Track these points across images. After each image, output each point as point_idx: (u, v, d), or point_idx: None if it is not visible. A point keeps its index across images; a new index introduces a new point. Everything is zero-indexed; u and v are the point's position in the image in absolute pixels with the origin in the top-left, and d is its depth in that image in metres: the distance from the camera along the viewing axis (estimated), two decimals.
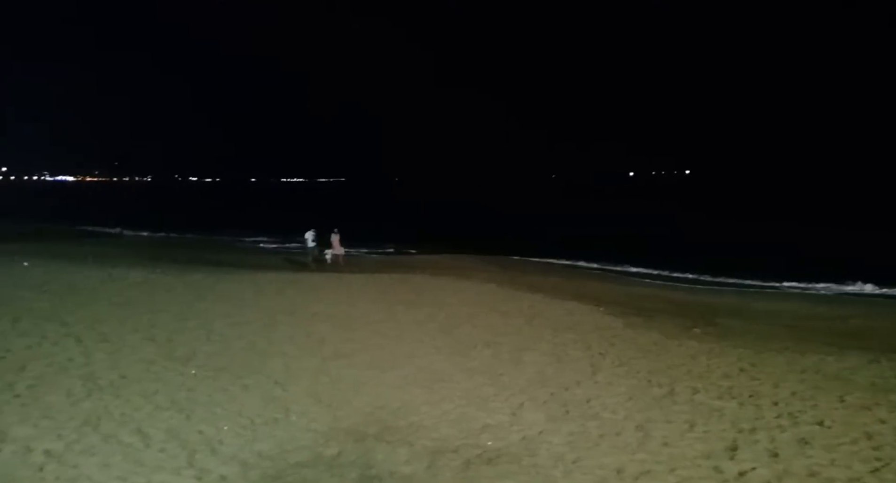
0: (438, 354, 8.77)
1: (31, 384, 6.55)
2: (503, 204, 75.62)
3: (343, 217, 28.37)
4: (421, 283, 16.28)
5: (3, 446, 5.01)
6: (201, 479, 4.73)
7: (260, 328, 9.83)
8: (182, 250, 26.49)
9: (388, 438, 5.76)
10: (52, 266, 16.02)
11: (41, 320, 9.33)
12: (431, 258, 25.61)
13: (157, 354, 8.04)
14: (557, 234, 35.23)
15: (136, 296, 12.14)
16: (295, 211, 61.82)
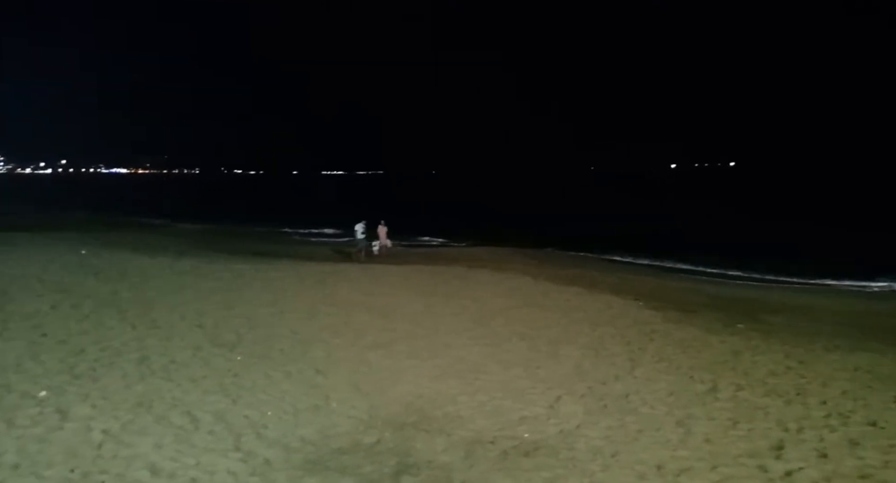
0: (474, 346, 8.77)
1: (89, 366, 6.85)
2: (539, 197, 74.87)
3: (384, 209, 28.59)
4: (457, 275, 16.29)
5: (65, 424, 5.27)
6: (247, 462, 4.87)
7: (301, 317, 10.02)
8: (228, 240, 27.24)
9: (425, 428, 5.80)
10: (107, 254, 16.70)
11: (98, 306, 9.73)
12: (467, 250, 25.60)
13: (204, 340, 8.28)
14: (593, 228, 34.68)
15: (185, 283, 12.55)
16: (339, 203, 62.83)
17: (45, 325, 8.41)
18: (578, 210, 50.57)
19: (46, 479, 4.34)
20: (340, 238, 30.80)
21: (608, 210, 50.33)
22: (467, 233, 31.85)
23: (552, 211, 49.47)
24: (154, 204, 56.90)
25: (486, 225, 35.13)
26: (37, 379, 6.31)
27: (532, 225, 36.96)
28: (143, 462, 4.71)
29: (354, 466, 4.90)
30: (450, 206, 57.20)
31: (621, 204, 58.66)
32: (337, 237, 31.06)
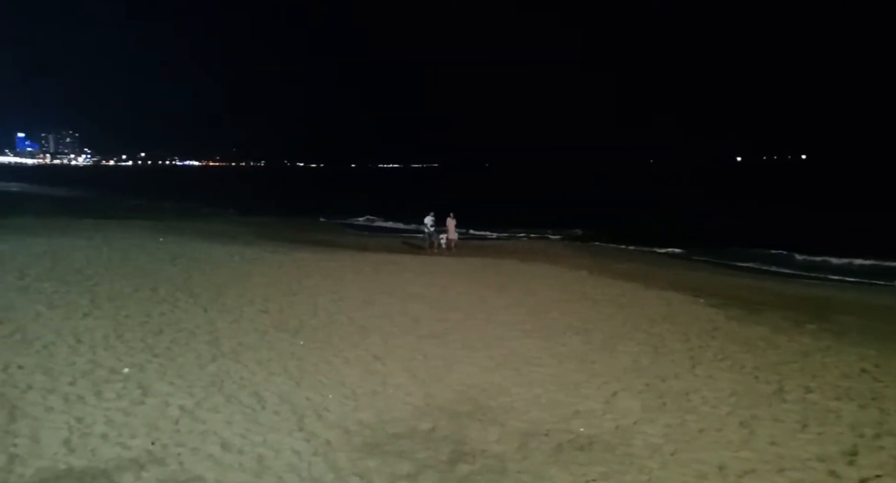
0: (528, 338, 8.71)
1: (167, 346, 7.26)
2: (595, 190, 73.20)
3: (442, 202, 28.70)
4: (511, 268, 16.21)
5: (146, 399, 5.61)
6: (309, 442, 5.03)
7: (360, 305, 10.24)
8: (291, 230, 28.15)
9: (479, 417, 5.82)
10: (181, 242, 17.61)
11: (174, 290, 10.28)
12: (522, 243, 25.41)
13: (270, 325, 8.60)
14: (649, 222, 33.61)
15: (252, 271, 13.07)
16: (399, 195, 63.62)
17: (127, 306, 8.96)
18: (634, 203, 49.10)
19: (131, 449, 4.64)
20: (399, 228, 31.23)
21: (664, 203, 48.62)
22: (522, 225, 31.57)
23: (608, 204, 48.19)
24: (222, 195, 59.34)
25: (540, 218, 34.67)
26: (121, 356, 6.74)
27: (588, 218, 36.19)
28: (215, 438, 4.96)
29: (411, 452, 4.98)
30: (504, 198, 56.81)
31: (679, 197, 56.52)
32: (399, 228, 31.50)
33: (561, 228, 30.94)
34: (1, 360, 6.27)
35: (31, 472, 4.17)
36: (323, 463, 4.66)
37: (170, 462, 4.48)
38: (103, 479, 4.15)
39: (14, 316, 7.96)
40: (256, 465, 4.55)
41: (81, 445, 4.61)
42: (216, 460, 4.57)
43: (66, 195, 56.84)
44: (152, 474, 4.28)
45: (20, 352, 6.60)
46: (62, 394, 5.56)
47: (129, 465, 4.38)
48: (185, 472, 4.35)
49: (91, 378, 6.02)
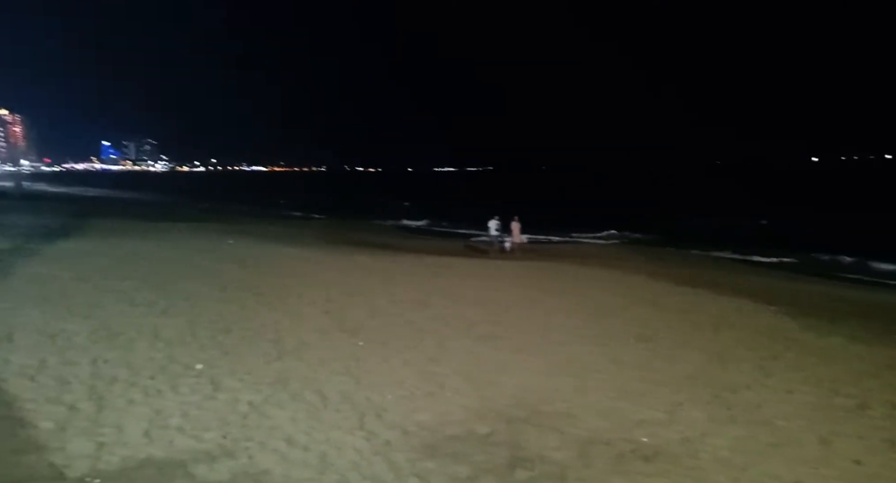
0: (586, 344, 8.52)
1: (235, 344, 7.56)
2: (654, 190, 70.90)
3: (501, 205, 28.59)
4: (568, 271, 15.96)
5: (217, 395, 5.87)
6: (370, 441, 5.11)
7: (416, 307, 10.33)
8: (350, 233, 28.82)
9: (537, 423, 5.74)
10: (249, 244, 18.37)
11: (242, 290, 10.72)
12: (581, 247, 24.97)
13: (331, 325, 8.81)
14: (715, 225, 32.22)
15: (313, 272, 13.46)
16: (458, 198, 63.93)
17: (200, 305, 9.41)
18: (698, 206, 47.07)
19: (205, 441, 4.86)
20: (460, 232, 31.35)
21: (728, 205, 46.42)
22: (579, 228, 31.04)
23: (668, 206, 46.48)
24: (285, 198, 61.48)
25: (598, 220, 33.90)
26: (194, 353, 7.08)
27: (647, 220, 35.09)
28: (281, 433, 5.12)
29: (469, 455, 4.97)
30: (562, 200, 55.93)
31: (744, 199, 53.80)
32: (460, 232, 31.62)
33: (619, 231, 30.20)
34: (89, 354, 6.72)
35: (116, 459, 4.44)
36: (383, 463, 4.73)
37: (240, 455, 4.66)
38: (180, 469, 4.37)
39: (100, 313, 8.53)
40: (320, 462, 4.66)
41: (160, 436, 4.88)
42: (282, 455, 4.72)
43: (144, 199, 60.54)
44: (224, 467, 4.46)
45: (106, 346, 7.05)
46: (142, 387, 5.90)
47: (203, 457, 4.59)
48: (253, 466, 4.52)
49: (168, 373, 6.35)
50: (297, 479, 4.39)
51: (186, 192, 78.51)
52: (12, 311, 8.24)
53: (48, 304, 8.85)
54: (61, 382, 5.84)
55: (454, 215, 38.08)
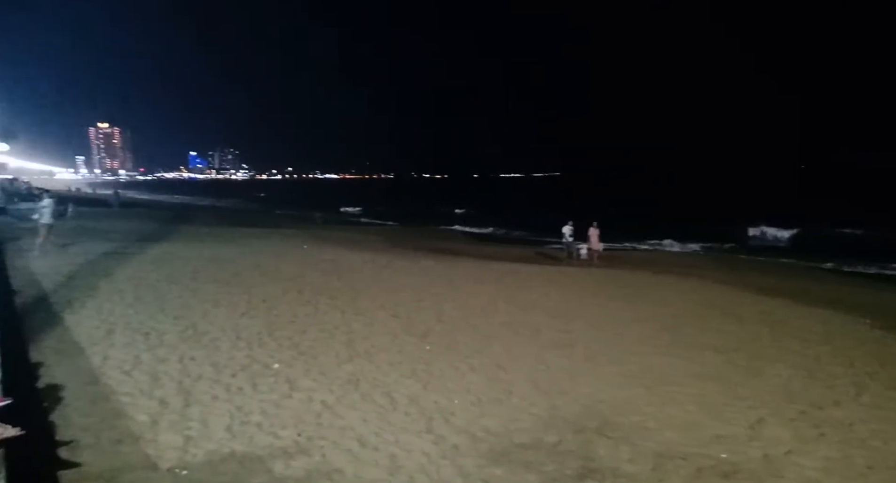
0: (661, 355, 8.19)
1: (310, 345, 7.84)
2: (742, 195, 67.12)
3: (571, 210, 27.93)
4: (642, 279, 15.43)
5: (293, 393, 6.11)
6: (437, 445, 5.15)
7: (482, 313, 10.31)
8: (417, 238, 29.20)
9: (608, 434, 5.57)
10: (322, 249, 19.04)
11: (316, 294, 11.11)
12: (655, 254, 24.07)
13: (399, 329, 8.95)
14: (809, 231, 30.10)
15: (383, 277, 13.73)
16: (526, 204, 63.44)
17: (278, 307, 9.83)
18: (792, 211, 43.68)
19: (282, 438, 5.07)
20: (531, 239, 31.07)
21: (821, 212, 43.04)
22: (659, 235, 29.81)
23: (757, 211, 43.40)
24: (358, 204, 63.06)
25: (680, 227, 32.33)
26: (272, 353, 7.40)
27: (730, 227, 33.18)
28: (352, 433, 5.25)
29: (538, 463, 4.90)
30: (636, 206, 53.86)
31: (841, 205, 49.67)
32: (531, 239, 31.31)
33: (700, 238, 28.81)
34: (178, 352, 7.18)
35: (202, 452, 4.71)
36: (451, 467, 4.74)
37: (314, 453, 4.82)
38: (259, 464, 4.58)
39: (188, 313, 9.09)
40: (390, 464, 4.74)
41: (241, 432, 5.13)
42: (354, 455, 4.84)
43: (225, 206, 64.09)
44: (299, 464, 4.63)
45: (193, 345, 7.51)
46: (225, 384, 6.23)
47: (280, 453, 4.78)
48: (327, 464, 4.66)
49: (248, 371, 6.68)
50: (368, 480, 4.49)
51: (264, 199, 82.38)
52: (111, 311, 8.94)
53: (142, 304, 9.54)
54: (153, 378, 6.27)
55: (525, 221, 37.63)
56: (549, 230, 30.59)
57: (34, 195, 39.15)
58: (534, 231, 33.72)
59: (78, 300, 9.44)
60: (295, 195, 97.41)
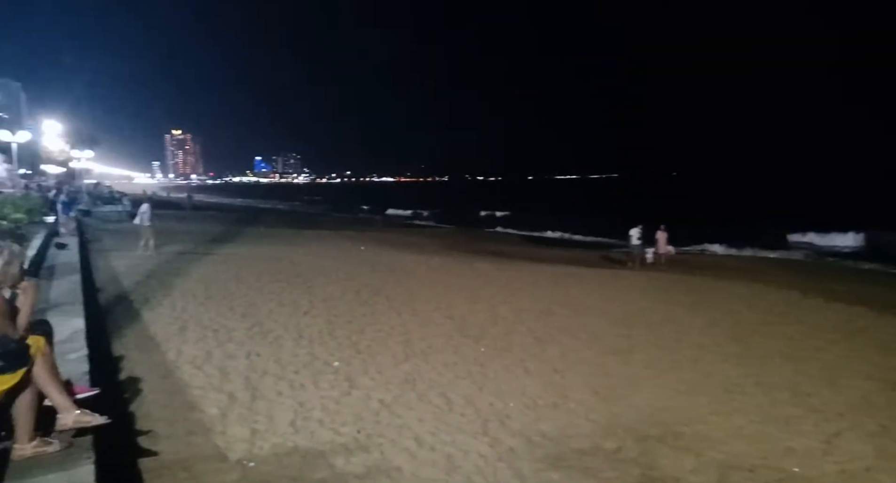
0: (726, 363, 7.85)
1: (368, 344, 8.00)
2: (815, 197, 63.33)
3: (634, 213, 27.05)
4: (706, 284, 14.84)
5: (352, 391, 6.25)
6: (494, 447, 5.13)
7: (538, 316, 10.19)
8: (471, 241, 29.24)
9: (670, 443, 5.39)
10: (379, 251, 19.38)
11: (373, 294, 11.31)
12: (726, 260, 23.03)
13: (454, 330, 8.98)
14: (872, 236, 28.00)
15: (438, 279, 13.83)
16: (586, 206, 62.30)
17: (337, 307, 10.09)
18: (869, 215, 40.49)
19: (342, 435, 5.19)
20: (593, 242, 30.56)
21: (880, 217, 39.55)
22: (720, 239, 28.48)
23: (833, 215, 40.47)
24: (414, 206, 63.79)
25: (743, 230, 30.78)
26: (332, 351, 7.60)
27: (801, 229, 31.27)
28: (410, 433, 5.32)
29: (596, 469, 4.80)
30: (701, 209, 51.48)
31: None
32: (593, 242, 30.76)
33: (769, 242, 27.34)
34: (245, 349, 7.49)
35: (268, 445, 4.90)
36: (508, 470, 4.72)
37: (373, 451, 4.92)
38: (321, 459, 4.71)
39: (254, 311, 9.47)
40: (447, 464, 4.77)
41: (304, 427, 5.29)
42: (412, 454, 4.90)
43: (287, 209, 66.36)
44: (359, 460, 4.74)
45: (259, 342, 7.82)
46: (289, 381, 6.44)
47: (341, 449, 4.91)
48: (385, 462, 4.74)
49: (310, 368, 6.88)
50: (425, 479, 4.53)
51: (323, 202, 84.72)
52: (184, 308, 9.43)
53: (212, 302, 10.02)
54: (222, 372, 6.57)
55: (582, 224, 36.82)
56: (607, 232, 29.90)
57: (115, 198, 41.90)
58: (591, 233, 33.05)
59: (154, 298, 10.02)
60: (352, 198, 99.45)
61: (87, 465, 3.08)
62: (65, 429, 3.27)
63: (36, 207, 19.44)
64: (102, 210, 34.86)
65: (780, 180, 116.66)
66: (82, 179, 57.30)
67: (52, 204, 20.43)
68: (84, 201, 35.64)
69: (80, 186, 50.82)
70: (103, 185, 62.57)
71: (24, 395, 3.12)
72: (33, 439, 3.14)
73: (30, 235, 13.01)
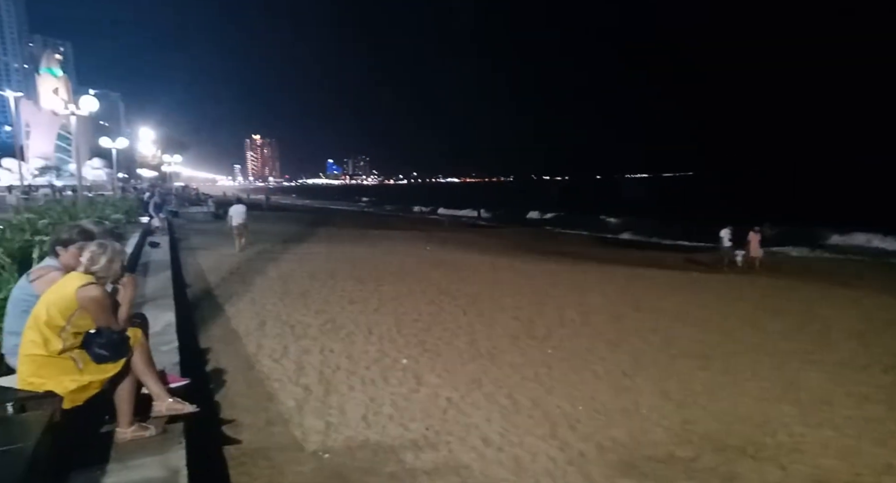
0: (814, 371, 7.31)
1: (434, 343, 8.04)
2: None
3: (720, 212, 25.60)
4: (799, 288, 13.93)
5: (420, 388, 6.32)
6: (563, 451, 5.03)
7: (607, 319, 9.90)
8: (538, 241, 28.87)
9: (753, 454, 5.08)
10: (444, 250, 19.51)
11: (439, 293, 11.39)
12: (820, 263, 21.46)
13: (520, 332, 8.88)
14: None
15: (503, 279, 13.74)
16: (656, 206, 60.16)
17: (404, 305, 10.24)
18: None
19: (411, 431, 5.26)
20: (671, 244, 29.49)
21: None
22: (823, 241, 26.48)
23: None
24: (477, 206, 63.81)
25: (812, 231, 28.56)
26: (400, 348, 7.72)
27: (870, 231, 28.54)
28: (477, 432, 5.31)
29: (671, 478, 4.60)
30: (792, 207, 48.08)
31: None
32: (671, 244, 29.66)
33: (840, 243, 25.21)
34: (319, 344, 7.75)
35: (341, 438, 5.04)
36: (578, 474, 4.61)
37: (441, 448, 4.95)
38: (391, 454, 4.79)
39: (328, 308, 9.79)
40: (515, 465, 4.72)
41: (374, 422, 5.41)
42: (479, 453, 4.89)
43: (356, 209, 68.21)
44: (428, 456, 4.78)
45: (332, 338, 8.07)
46: (360, 376, 6.61)
47: (410, 445, 4.97)
48: (454, 459, 4.76)
49: (380, 365, 7.03)
50: (493, 478, 4.51)
51: (390, 202, 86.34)
52: (263, 304, 9.89)
53: (289, 298, 10.45)
54: (298, 366, 6.83)
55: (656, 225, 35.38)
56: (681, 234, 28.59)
57: (201, 200, 44.64)
58: (662, 234, 31.76)
59: (237, 294, 10.57)
60: (418, 198, 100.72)
61: (179, 450, 3.29)
62: (159, 415, 3.50)
63: (132, 209, 21.06)
64: (189, 211, 37.24)
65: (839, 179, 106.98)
66: (172, 182, 61.48)
67: (146, 205, 22.00)
68: (173, 203, 38.23)
69: (170, 189, 54.53)
70: (190, 188, 66.84)
71: (125, 384, 3.37)
72: (132, 424, 3.38)
73: (127, 234, 14.08)
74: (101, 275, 3.35)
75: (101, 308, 3.25)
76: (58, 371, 3.15)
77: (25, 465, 2.32)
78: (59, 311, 3.16)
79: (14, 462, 2.34)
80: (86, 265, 3.35)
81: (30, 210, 11.34)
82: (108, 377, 3.26)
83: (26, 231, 7.74)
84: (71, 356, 3.20)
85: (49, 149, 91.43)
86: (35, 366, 3.14)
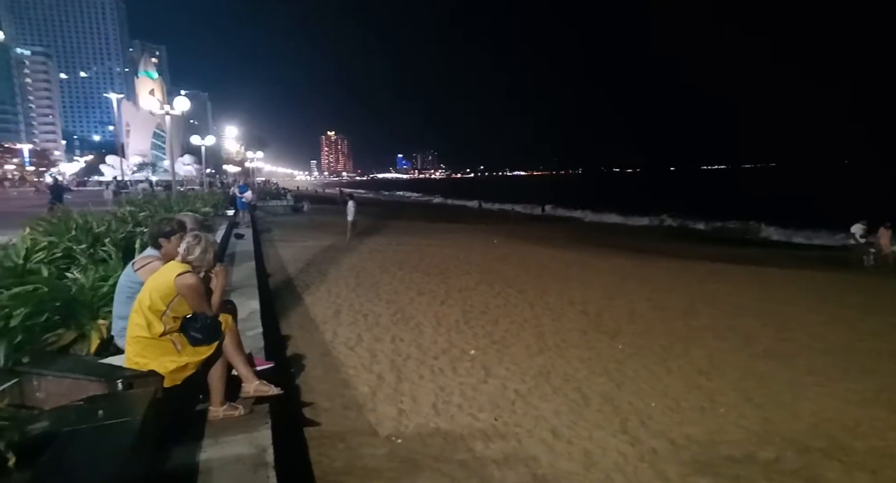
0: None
1: (502, 335, 8.05)
2: None
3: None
4: (886, 286, 12.76)
5: (488, 379, 6.34)
6: (634, 446, 4.90)
7: (680, 315, 9.50)
8: (606, 235, 28.06)
9: (839, 457, 4.73)
10: (512, 244, 19.40)
11: (506, 287, 11.35)
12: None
13: (588, 326, 8.70)
14: None
15: (571, 273, 13.49)
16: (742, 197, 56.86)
17: (472, 297, 10.27)
18: None
19: (480, 420, 5.30)
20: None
21: None
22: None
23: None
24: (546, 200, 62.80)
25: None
26: (468, 340, 7.77)
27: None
28: (546, 424, 5.26)
29: (750, 479, 4.37)
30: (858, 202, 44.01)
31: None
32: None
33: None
34: (390, 333, 7.95)
35: (412, 425, 5.16)
36: (650, 471, 4.48)
37: (510, 439, 4.95)
38: (461, 442, 4.85)
39: (397, 299, 10.01)
40: (584, 458, 4.65)
41: (444, 411, 5.49)
42: (548, 445, 4.85)
43: (424, 202, 68.99)
44: (497, 447, 4.80)
45: (402, 328, 8.25)
46: (429, 365, 6.72)
47: (479, 434, 5.01)
48: (523, 450, 4.75)
49: (448, 355, 7.11)
50: (562, 470, 4.46)
51: (458, 196, 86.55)
52: (338, 294, 10.25)
53: (361, 288, 10.77)
54: (371, 354, 7.04)
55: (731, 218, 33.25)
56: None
57: (281, 194, 46.73)
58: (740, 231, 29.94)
59: (314, 284, 11.02)
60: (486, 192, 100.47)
61: (265, 429, 3.49)
62: (247, 396, 3.72)
63: (219, 202, 22.36)
64: (269, 204, 39.07)
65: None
66: (254, 177, 64.78)
67: (233, 199, 23.27)
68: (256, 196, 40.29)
69: (253, 183, 57.47)
70: (271, 183, 70.17)
71: (217, 366, 3.61)
72: (223, 404, 3.62)
73: (215, 227, 14.99)
74: (197, 264, 3.59)
75: (196, 295, 3.49)
76: (159, 352, 3.41)
77: (134, 437, 2.54)
78: (160, 297, 3.42)
79: (124, 433, 2.57)
80: (183, 255, 3.60)
81: (131, 203, 12.29)
82: (202, 359, 3.51)
83: (129, 223, 8.39)
84: (171, 339, 3.46)
85: (146, 146, 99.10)
86: (140, 347, 3.43)
